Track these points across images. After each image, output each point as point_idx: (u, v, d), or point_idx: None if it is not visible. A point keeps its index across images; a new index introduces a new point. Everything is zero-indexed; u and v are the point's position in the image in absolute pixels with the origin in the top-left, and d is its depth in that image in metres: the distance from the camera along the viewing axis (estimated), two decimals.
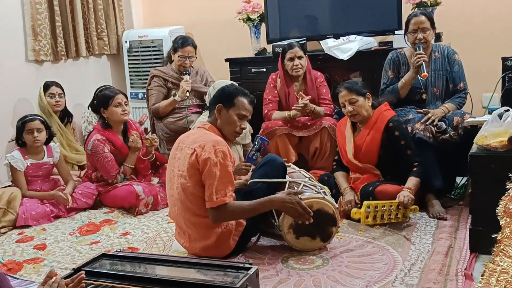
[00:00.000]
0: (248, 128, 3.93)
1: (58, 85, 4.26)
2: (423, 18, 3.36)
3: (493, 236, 1.79)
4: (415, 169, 3.08)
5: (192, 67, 4.38)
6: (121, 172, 3.65)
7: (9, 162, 3.56)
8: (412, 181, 3.02)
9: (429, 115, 3.27)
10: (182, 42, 4.24)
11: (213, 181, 2.50)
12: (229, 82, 3.94)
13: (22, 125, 3.59)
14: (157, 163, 3.95)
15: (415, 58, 3.29)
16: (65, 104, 4.32)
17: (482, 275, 1.41)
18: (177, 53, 4.24)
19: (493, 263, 1.37)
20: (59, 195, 3.49)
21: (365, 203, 2.89)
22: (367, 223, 2.89)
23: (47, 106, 4.19)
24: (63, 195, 3.49)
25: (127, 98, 3.77)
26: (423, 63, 3.26)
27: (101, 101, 3.69)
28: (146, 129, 4.43)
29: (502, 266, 1.35)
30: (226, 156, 2.55)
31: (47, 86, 4.23)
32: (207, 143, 2.56)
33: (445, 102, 3.42)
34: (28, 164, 3.59)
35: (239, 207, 2.55)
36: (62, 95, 4.27)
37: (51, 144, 3.75)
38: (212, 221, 2.56)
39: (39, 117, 3.67)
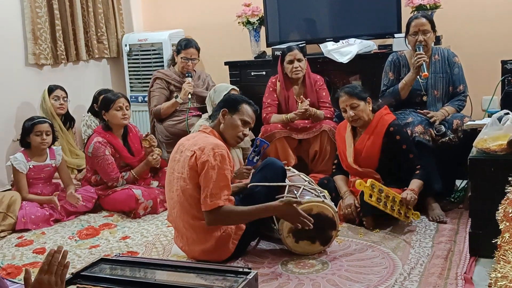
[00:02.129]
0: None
1: (62, 89, 4.33)
2: (424, 20, 3.37)
3: (493, 240, 1.79)
4: (417, 172, 3.07)
5: (195, 71, 4.38)
6: (125, 178, 3.64)
7: (12, 164, 3.56)
8: (415, 183, 3.03)
9: (431, 113, 3.29)
10: (185, 44, 4.25)
11: (209, 184, 2.50)
12: (230, 86, 3.95)
13: (31, 126, 3.60)
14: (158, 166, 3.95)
15: (415, 58, 3.30)
16: (68, 108, 4.37)
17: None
18: (180, 55, 4.25)
19: (495, 271, 1.36)
20: (54, 201, 3.49)
21: (370, 180, 2.82)
22: (369, 202, 2.80)
23: (51, 109, 4.23)
24: (75, 196, 3.48)
25: (129, 102, 3.77)
26: (423, 63, 3.26)
27: (103, 104, 3.72)
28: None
29: (502, 272, 1.34)
30: (225, 160, 2.55)
31: (51, 89, 4.28)
32: (207, 146, 2.56)
33: (445, 105, 3.43)
34: (30, 166, 3.60)
35: (235, 211, 2.54)
36: (66, 99, 4.34)
37: (54, 147, 3.76)
38: (206, 224, 2.55)
39: (48, 121, 3.70)
